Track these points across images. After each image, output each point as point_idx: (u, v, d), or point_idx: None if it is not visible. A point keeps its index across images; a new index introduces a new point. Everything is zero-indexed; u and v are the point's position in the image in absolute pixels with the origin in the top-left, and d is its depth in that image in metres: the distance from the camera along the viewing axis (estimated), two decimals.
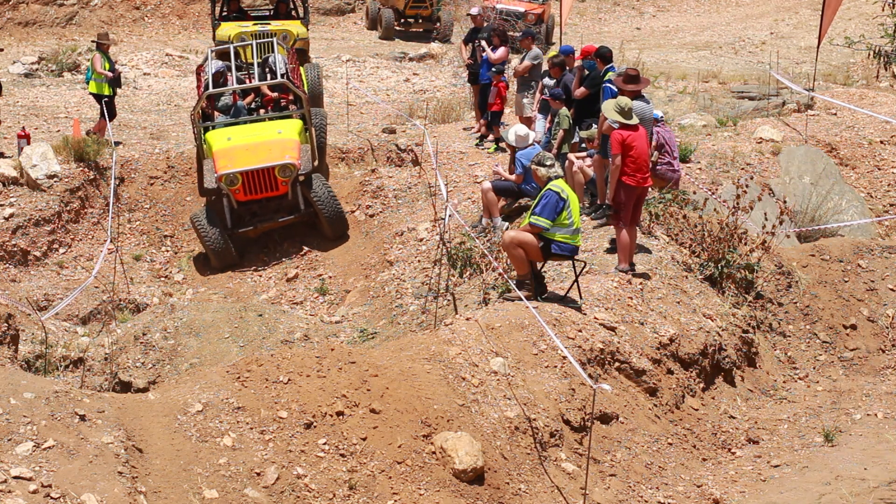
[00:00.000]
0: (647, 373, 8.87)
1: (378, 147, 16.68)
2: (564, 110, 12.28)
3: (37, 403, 6.29)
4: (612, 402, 8.46)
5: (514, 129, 12.54)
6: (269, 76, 15.50)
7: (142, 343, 11.17)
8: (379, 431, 7.24)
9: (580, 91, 12.03)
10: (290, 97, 15.26)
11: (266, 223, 14.20)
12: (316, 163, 14.46)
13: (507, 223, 12.07)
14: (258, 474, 6.73)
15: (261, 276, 14.06)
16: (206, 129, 14.42)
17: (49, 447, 6.02)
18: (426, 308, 11.21)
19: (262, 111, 15.26)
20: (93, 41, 18.45)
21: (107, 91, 16.14)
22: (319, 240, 14.58)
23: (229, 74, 15.01)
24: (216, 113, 15.07)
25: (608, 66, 11.44)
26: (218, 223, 13.74)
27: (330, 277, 14.14)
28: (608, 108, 9.72)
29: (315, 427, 7.14)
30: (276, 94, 15.34)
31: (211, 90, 14.59)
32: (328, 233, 14.39)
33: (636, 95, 10.13)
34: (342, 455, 7.05)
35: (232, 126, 14.45)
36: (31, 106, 19.24)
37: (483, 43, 15.43)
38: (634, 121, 9.58)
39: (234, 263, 14.04)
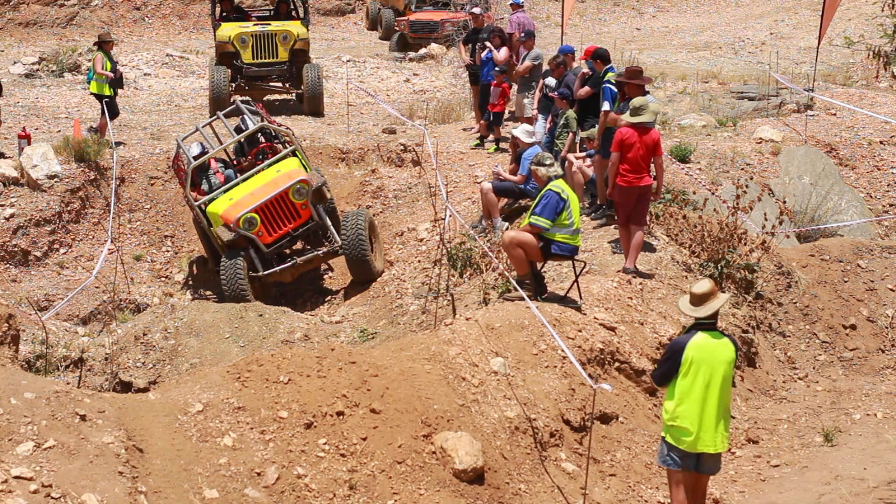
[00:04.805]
0: (646, 373, 8.88)
1: (378, 147, 16.69)
2: (571, 112, 12.25)
3: (37, 403, 6.30)
4: (612, 402, 8.47)
5: (523, 127, 12.58)
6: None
7: (142, 343, 11.18)
8: (379, 431, 7.25)
9: (584, 90, 12.04)
10: (273, 144, 14.22)
11: (302, 257, 13.12)
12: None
13: (507, 223, 12.08)
14: (258, 474, 6.74)
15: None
16: (204, 209, 13.20)
17: (50, 447, 6.02)
18: (426, 308, 11.21)
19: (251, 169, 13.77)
20: (95, 41, 18.47)
21: (107, 91, 16.16)
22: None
23: (209, 150, 13.83)
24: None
25: (608, 66, 11.47)
26: (244, 268, 12.54)
27: (330, 277, 14.16)
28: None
29: (315, 427, 7.15)
30: (260, 146, 14.17)
31: (195, 162, 13.32)
32: (352, 274, 13.41)
33: (642, 92, 10.16)
34: (342, 455, 7.06)
35: (229, 191, 13.21)
36: (32, 106, 19.25)
37: (487, 43, 15.42)
38: (642, 119, 9.54)
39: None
